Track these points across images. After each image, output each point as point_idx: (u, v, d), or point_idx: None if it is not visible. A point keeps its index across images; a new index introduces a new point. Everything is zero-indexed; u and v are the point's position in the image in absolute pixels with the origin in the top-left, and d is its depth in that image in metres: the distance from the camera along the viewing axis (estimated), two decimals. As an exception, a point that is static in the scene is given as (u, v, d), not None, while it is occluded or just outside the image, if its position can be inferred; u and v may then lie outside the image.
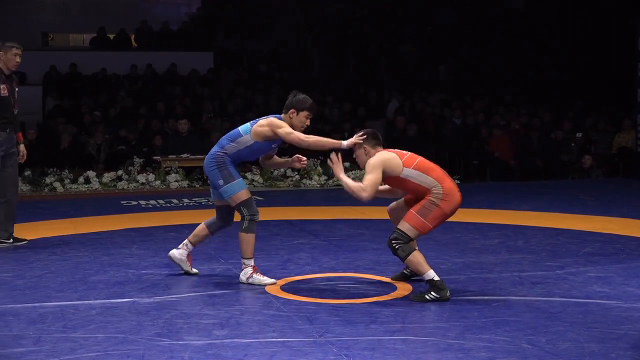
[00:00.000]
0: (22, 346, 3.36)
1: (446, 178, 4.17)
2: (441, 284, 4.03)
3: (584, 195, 8.44)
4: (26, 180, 9.13)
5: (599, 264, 4.93)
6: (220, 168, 4.44)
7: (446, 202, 4.08)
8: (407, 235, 4.06)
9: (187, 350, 3.28)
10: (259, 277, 4.43)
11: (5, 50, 5.65)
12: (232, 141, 4.48)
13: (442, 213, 4.09)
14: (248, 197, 4.43)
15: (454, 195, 4.12)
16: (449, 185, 4.11)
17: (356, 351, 3.27)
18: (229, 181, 4.41)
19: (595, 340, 3.39)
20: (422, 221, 4.06)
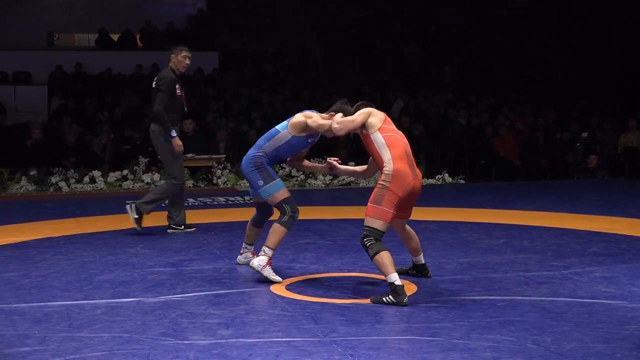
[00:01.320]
0: (27, 345, 3.36)
1: (401, 160, 4.12)
2: (401, 289, 3.96)
3: (590, 195, 8.41)
4: (32, 179, 9.15)
5: (605, 264, 4.92)
6: (259, 169, 4.53)
7: (395, 185, 4.06)
8: (374, 229, 4.03)
9: (192, 350, 3.28)
10: (269, 270, 4.46)
11: (176, 53, 6.00)
12: (269, 140, 4.56)
13: (394, 196, 4.06)
14: (288, 195, 4.53)
15: (403, 177, 4.08)
16: (399, 167, 4.09)
17: (361, 351, 3.27)
18: (268, 181, 4.50)
19: (600, 340, 3.39)
20: (379, 209, 4.05)
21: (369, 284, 4.49)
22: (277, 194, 4.49)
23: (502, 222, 6.53)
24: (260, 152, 4.56)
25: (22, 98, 12.97)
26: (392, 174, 4.11)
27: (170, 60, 6.08)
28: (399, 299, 3.96)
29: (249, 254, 4.90)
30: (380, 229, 4.05)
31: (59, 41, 15.97)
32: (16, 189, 9.11)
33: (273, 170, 4.58)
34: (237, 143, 10.75)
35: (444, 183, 9.61)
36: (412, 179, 4.14)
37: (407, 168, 4.14)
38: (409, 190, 4.12)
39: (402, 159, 4.15)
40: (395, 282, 3.98)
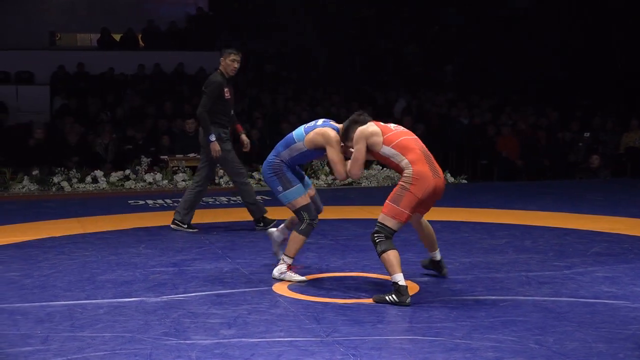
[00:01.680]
0: (30, 345, 3.37)
1: (420, 161, 4.09)
2: (404, 290, 3.95)
3: (592, 195, 8.40)
4: (34, 179, 9.15)
5: (607, 264, 4.92)
6: (278, 175, 4.53)
7: (416, 186, 4.02)
8: (386, 227, 4.02)
9: (194, 350, 3.29)
10: (291, 274, 4.50)
11: (225, 56, 6.03)
12: (286, 147, 4.55)
13: (413, 197, 4.02)
14: (307, 202, 4.51)
15: (424, 179, 4.04)
16: (419, 169, 4.06)
17: (363, 351, 3.27)
18: (287, 187, 4.50)
19: (602, 340, 3.39)
20: (396, 208, 4.02)
21: (371, 283, 4.49)
22: (295, 201, 4.49)
23: (504, 222, 6.53)
24: (279, 159, 4.56)
25: (25, 98, 12.97)
26: (412, 176, 4.07)
27: (220, 64, 6.13)
28: (402, 299, 3.95)
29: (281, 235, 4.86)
30: (393, 227, 4.04)
31: (61, 41, 15.98)
32: (18, 188, 9.11)
33: (293, 175, 4.54)
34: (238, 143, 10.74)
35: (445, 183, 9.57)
36: (433, 178, 4.10)
37: (427, 168, 4.10)
38: (430, 190, 4.08)
39: (421, 160, 4.11)
40: (399, 282, 3.97)
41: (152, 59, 13.79)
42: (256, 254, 5.27)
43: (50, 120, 12.06)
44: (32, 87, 13.36)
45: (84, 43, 16.16)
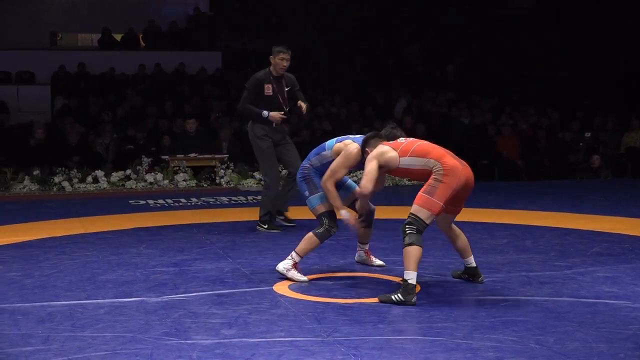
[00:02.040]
0: (30, 345, 3.36)
1: (446, 156, 4.10)
2: (412, 289, 3.93)
3: (592, 195, 8.38)
4: (35, 179, 9.15)
5: (607, 263, 4.91)
6: (306, 180, 4.64)
7: (449, 177, 4.01)
8: (419, 219, 3.97)
9: (195, 350, 3.28)
10: (294, 272, 4.52)
11: (274, 55, 6.10)
12: (317, 154, 4.66)
13: (447, 188, 4.00)
14: (330, 209, 4.56)
15: (456, 170, 4.04)
16: (449, 162, 4.06)
17: (364, 351, 3.27)
18: (313, 192, 4.61)
19: (603, 340, 3.39)
20: (430, 199, 3.99)
21: (372, 283, 4.48)
22: (318, 207, 4.57)
23: (505, 222, 6.52)
24: (309, 164, 4.67)
25: (25, 98, 12.96)
26: (444, 169, 4.04)
27: (270, 61, 6.19)
28: (408, 298, 3.92)
29: (363, 253, 4.95)
30: (425, 219, 3.98)
31: (62, 41, 15.97)
32: (19, 188, 9.11)
33: (318, 180, 4.60)
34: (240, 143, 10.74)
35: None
36: (463, 167, 4.11)
37: (455, 160, 4.11)
38: (462, 180, 4.07)
39: (447, 155, 4.12)
40: (410, 279, 3.93)
41: (153, 59, 13.78)
42: (257, 254, 5.27)
43: (51, 120, 12.06)
44: (33, 87, 13.36)
45: (84, 43, 16.15)
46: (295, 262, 4.53)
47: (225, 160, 9.84)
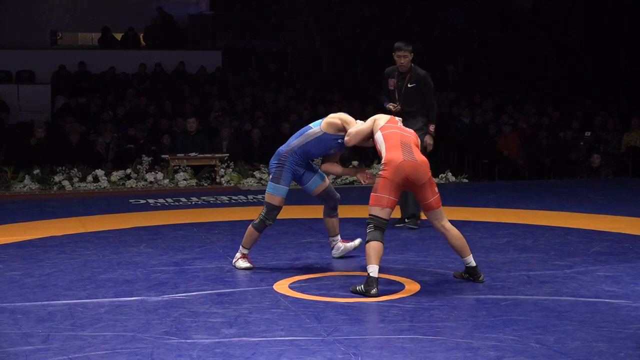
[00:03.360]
0: (30, 344, 3.35)
1: (392, 149, 4.27)
2: (372, 281, 4.08)
3: (593, 194, 8.36)
4: (35, 178, 9.15)
5: (608, 263, 4.90)
6: (279, 166, 4.72)
7: (387, 171, 4.21)
8: (373, 216, 4.17)
9: (195, 349, 3.28)
10: (240, 262, 4.75)
11: (394, 52, 6.20)
12: (299, 136, 4.73)
13: (386, 181, 4.20)
14: (277, 204, 4.70)
15: (394, 161, 4.22)
16: (389, 155, 4.26)
17: (364, 350, 3.26)
18: (275, 181, 4.70)
19: (603, 339, 3.38)
20: (376, 195, 4.21)
21: (372, 282, 4.48)
22: (271, 196, 4.70)
23: (505, 221, 6.50)
24: (289, 149, 4.72)
25: (26, 97, 12.96)
26: (383, 163, 4.27)
27: None
28: (368, 289, 4.07)
29: (339, 243, 5.03)
30: (379, 215, 4.17)
31: (62, 40, 15.96)
32: (19, 187, 9.11)
33: (290, 176, 4.71)
34: (240, 142, 10.74)
35: (447, 182, 9.58)
36: (404, 160, 4.23)
37: (400, 153, 4.26)
38: (403, 171, 4.21)
39: (396, 148, 4.29)
40: (370, 273, 4.10)
41: (153, 58, 13.77)
42: (257, 253, 5.24)
43: (52, 119, 12.05)
44: (33, 86, 13.35)
45: (85, 42, 16.13)
46: (243, 254, 4.76)
47: (225, 160, 9.83)
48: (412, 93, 6.18)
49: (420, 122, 6.17)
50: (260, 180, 9.53)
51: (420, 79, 6.18)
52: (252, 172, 9.66)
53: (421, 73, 6.21)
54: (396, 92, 6.24)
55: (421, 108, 6.19)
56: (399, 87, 6.23)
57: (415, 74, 6.19)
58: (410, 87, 6.18)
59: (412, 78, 6.19)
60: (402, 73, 6.21)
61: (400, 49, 6.15)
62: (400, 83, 6.21)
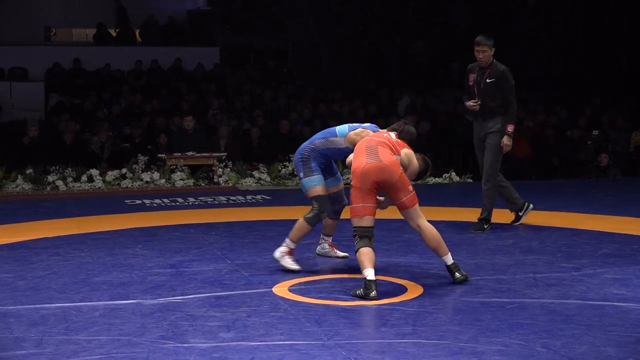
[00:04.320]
0: (23, 349, 3.31)
1: (357, 158, 4.30)
2: (370, 284, 4.05)
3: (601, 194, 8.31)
4: (28, 178, 9.07)
5: (616, 265, 4.86)
6: (304, 161, 4.74)
7: (354, 179, 4.26)
8: (356, 227, 4.22)
9: (192, 353, 3.24)
10: (287, 260, 4.67)
11: (474, 47, 6.15)
12: (325, 138, 4.74)
13: (355, 190, 4.25)
14: (322, 193, 4.69)
15: (357, 169, 4.25)
16: (354, 165, 4.30)
17: (366, 354, 3.23)
18: (307, 175, 4.70)
19: (612, 344, 3.34)
20: (351, 207, 4.26)
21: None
22: (311, 190, 4.68)
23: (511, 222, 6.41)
24: (311, 146, 4.75)
25: (19, 95, 12.89)
26: (352, 174, 4.30)
27: None
28: (367, 292, 4.04)
29: (326, 245, 5.05)
30: (361, 224, 4.21)
31: (56, 36, 15.85)
32: (12, 187, 9.04)
33: (318, 166, 4.72)
34: (238, 141, 10.66)
35: (451, 182, 9.55)
36: (367, 163, 4.24)
37: (363, 158, 4.26)
38: (368, 175, 4.22)
39: (360, 154, 4.31)
40: (367, 276, 4.08)
41: (149, 54, 13.68)
42: (256, 255, 5.21)
43: (45, 117, 11.97)
44: (27, 84, 13.28)
45: (79, 38, 16.03)
46: (290, 249, 4.67)
47: (223, 159, 9.76)
48: (490, 89, 6.07)
49: (500, 122, 6.08)
50: (259, 180, 9.46)
51: (500, 74, 6.08)
52: (251, 171, 9.61)
53: (501, 68, 6.11)
54: (475, 88, 6.16)
55: (500, 106, 6.09)
56: (478, 82, 6.15)
57: (495, 69, 6.10)
58: (488, 82, 6.09)
59: (491, 73, 6.11)
60: (483, 68, 6.14)
61: (479, 43, 6.08)
62: (480, 78, 6.14)
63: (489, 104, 6.07)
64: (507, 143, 6.11)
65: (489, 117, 6.08)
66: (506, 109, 6.09)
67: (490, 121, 6.08)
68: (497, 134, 6.09)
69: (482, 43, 6.07)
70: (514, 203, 6.32)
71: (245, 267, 4.85)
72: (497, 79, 6.07)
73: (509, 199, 6.32)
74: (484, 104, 6.09)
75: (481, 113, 6.14)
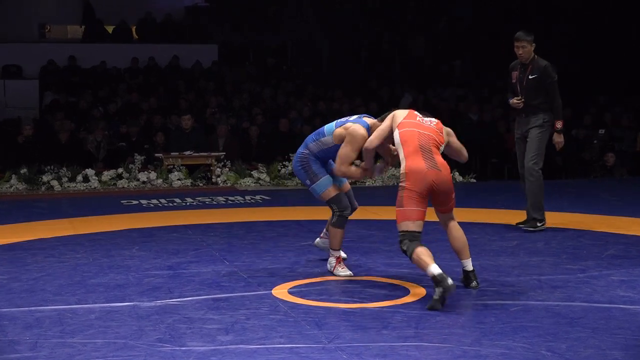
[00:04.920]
0: (17, 352, 3.28)
1: (412, 155, 4.08)
2: (440, 277, 3.84)
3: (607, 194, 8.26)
4: (22, 178, 9.01)
5: (623, 267, 4.83)
6: (305, 168, 4.67)
7: (409, 181, 4.04)
8: (405, 232, 4.02)
9: (190, 357, 3.23)
10: (339, 268, 4.62)
11: (514, 43, 6.11)
12: (315, 140, 4.66)
13: (410, 192, 4.03)
14: (336, 193, 4.62)
15: (417, 172, 4.04)
16: (410, 164, 4.07)
17: (367, 358, 3.21)
18: (314, 180, 4.64)
19: (618, 347, 3.32)
20: (401, 210, 4.05)
21: (376, 287, 4.39)
22: (325, 193, 4.62)
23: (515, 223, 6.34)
24: (306, 151, 4.67)
25: (12, 93, 12.83)
26: (405, 173, 4.09)
27: None
28: (442, 285, 3.82)
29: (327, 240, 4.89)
30: (410, 229, 4.02)
31: (50, 33, 15.77)
32: (6, 188, 8.98)
33: (320, 167, 4.64)
34: (237, 140, 10.60)
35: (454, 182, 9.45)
36: (427, 169, 4.06)
37: (421, 161, 4.07)
38: (427, 181, 4.04)
39: (416, 154, 4.10)
40: (433, 273, 3.87)
41: (146, 52, 13.60)
42: (255, 257, 5.18)
43: (40, 116, 11.91)
44: (21, 82, 13.22)
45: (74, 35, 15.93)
46: (337, 257, 4.64)
47: (221, 158, 9.70)
48: (533, 85, 6.01)
49: (541, 118, 6.02)
50: (258, 180, 9.40)
51: (542, 70, 6.02)
52: (250, 171, 9.54)
53: (542, 64, 6.05)
54: (518, 85, 6.11)
55: (543, 102, 6.01)
56: (521, 79, 6.09)
57: (537, 65, 6.04)
58: (531, 79, 6.02)
59: (533, 69, 6.04)
60: (524, 65, 6.07)
61: (519, 38, 6.04)
62: (522, 75, 6.08)
63: (532, 100, 6.02)
64: (559, 140, 6.07)
65: (532, 113, 6.03)
66: (549, 105, 6.03)
67: (533, 117, 6.02)
68: (538, 128, 6.04)
69: (522, 38, 6.02)
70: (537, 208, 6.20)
71: (244, 269, 4.81)
72: (539, 75, 6.01)
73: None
74: (527, 100, 6.03)
75: (524, 110, 6.08)
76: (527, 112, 6.08)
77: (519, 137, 6.23)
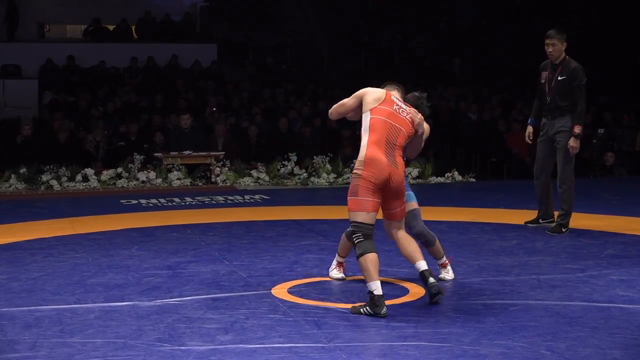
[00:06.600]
0: (17, 352, 3.27)
1: (376, 147, 3.83)
2: (379, 300, 3.70)
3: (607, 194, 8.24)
4: (21, 178, 9.00)
5: (622, 266, 4.83)
6: None
7: (367, 171, 3.81)
8: (359, 223, 3.82)
9: (189, 356, 3.23)
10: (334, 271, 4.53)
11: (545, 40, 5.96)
12: None
13: (367, 183, 3.81)
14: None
15: (376, 163, 3.81)
16: (370, 153, 3.82)
17: (366, 357, 3.22)
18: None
19: (618, 346, 3.32)
20: (355, 199, 3.83)
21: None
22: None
23: (515, 223, 6.39)
24: None
25: (12, 92, 12.83)
26: (363, 161, 3.85)
27: None
28: (376, 310, 3.71)
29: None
30: (365, 221, 3.82)
31: (49, 33, 15.76)
32: (5, 187, 8.98)
33: None
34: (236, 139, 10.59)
35: (453, 181, 9.48)
36: (388, 165, 3.83)
37: (382, 155, 3.84)
38: (384, 175, 3.82)
39: (379, 145, 3.85)
40: (374, 291, 3.73)
41: (145, 51, 13.60)
42: (254, 256, 5.17)
43: (39, 115, 11.91)
44: (20, 81, 13.23)
45: (74, 35, 15.93)
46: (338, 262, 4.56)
47: (221, 158, 9.70)
48: (562, 87, 5.83)
49: (570, 122, 5.83)
50: (257, 180, 9.39)
51: (571, 71, 5.86)
52: (249, 171, 9.53)
53: (573, 65, 5.91)
54: (546, 85, 5.96)
55: (571, 104, 5.83)
56: (550, 80, 5.95)
57: (567, 66, 5.89)
58: (560, 79, 5.86)
59: (563, 71, 5.87)
60: (555, 65, 5.91)
61: (550, 36, 5.90)
62: (551, 76, 5.92)
63: (560, 102, 5.86)
64: (573, 145, 5.85)
65: (559, 115, 5.87)
66: (573, 108, 5.83)
67: (561, 120, 5.86)
68: (567, 133, 5.86)
69: (553, 36, 5.87)
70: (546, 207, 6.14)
71: (243, 269, 4.81)
72: (568, 76, 5.86)
73: (544, 201, 6.15)
74: (555, 102, 5.88)
75: (551, 111, 5.93)
76: (553, 114, 5.90)
77: (543, 139, 6.03)
